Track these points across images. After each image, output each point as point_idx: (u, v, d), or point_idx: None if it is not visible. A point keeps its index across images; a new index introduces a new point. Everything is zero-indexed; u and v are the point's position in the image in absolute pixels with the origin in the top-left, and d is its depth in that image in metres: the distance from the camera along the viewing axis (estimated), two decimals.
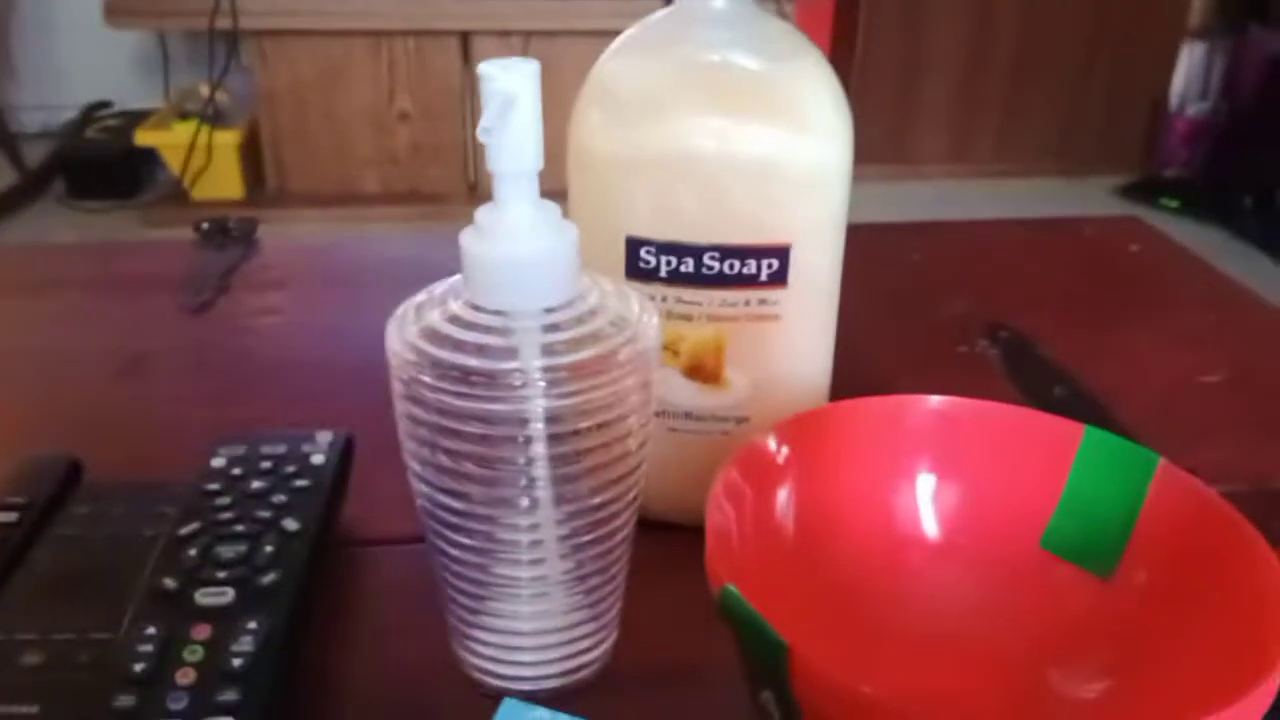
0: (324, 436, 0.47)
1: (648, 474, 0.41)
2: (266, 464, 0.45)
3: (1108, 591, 0.38)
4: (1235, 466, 0.53)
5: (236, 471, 0.44)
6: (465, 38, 2.45)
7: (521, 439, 0.34)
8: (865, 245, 0.84)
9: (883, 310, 0.71)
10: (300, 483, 0.44)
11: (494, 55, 0.35)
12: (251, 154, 2.54)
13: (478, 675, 0.40)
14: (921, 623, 0.39)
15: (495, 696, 0.32)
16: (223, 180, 2.49)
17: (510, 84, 0.31)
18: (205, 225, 0.80)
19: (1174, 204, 2.77)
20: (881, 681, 0.31)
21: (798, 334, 0.45)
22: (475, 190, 2.56)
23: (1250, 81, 2.71)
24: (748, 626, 0.30)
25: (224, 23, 2.32)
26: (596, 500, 0.36)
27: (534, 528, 0.36)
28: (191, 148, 2.43)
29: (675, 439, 0.45)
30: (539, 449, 0.34)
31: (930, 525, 0.41)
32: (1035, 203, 2.74)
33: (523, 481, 0.35)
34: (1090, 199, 2.85)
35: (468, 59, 2.47)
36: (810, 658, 0.28)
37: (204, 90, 2.45)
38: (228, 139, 2.48)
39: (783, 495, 0.39)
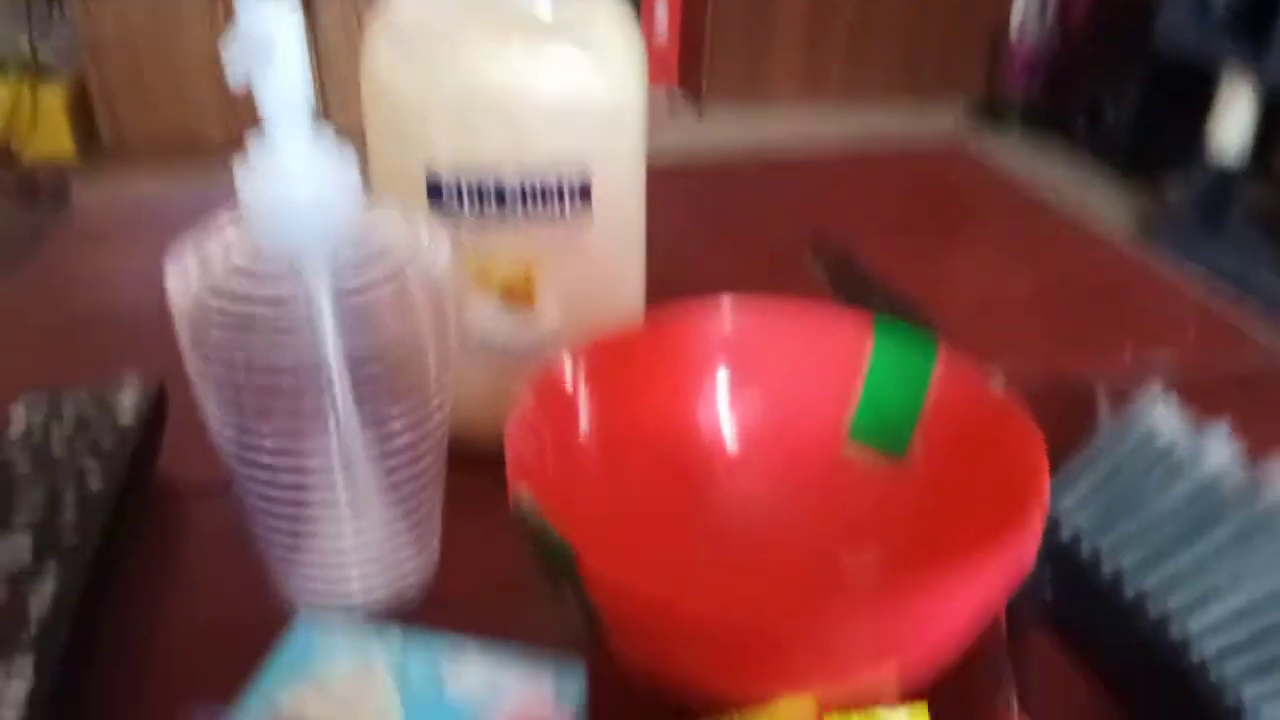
0: (132, 387, 0.46)
1: (468, 405, 0.41)
2: (70, 416, 0.43)
3: (899, 476, 0.40)
4: (1035, 366, 0.57)
5: (38, 423, 0.43)
6: None
7: (320, 378, 0.34)
8: (701, 178, 0.86)
9: (714, 238, 0.72)
10: (105, 435, 0.43)
11: None
12: (82, 109, 2.40)
13: (305, 604, 0.40)
14: (726, 525, 0.41)
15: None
16: (52, 138, 2.35)
17: (267, 24, 0.31)
18: (12, 181, 0.76)
19: (1015, 125, 2.93)
20: (680, 582, 0.32)
21: (606, 259, 0.45)
22: None
23: (1081, 12, 2.87)
24: (540, 533, 0.31)
25: None
26: (400, 425, 0.36)
27: (344, 453, 0.36)
28: (14, 106, 2.28)
29: (493, 368, 0.46)
30: (340, 386, 0.34)
31: (732, 428, 0.43)
32: (886, 130, 2.82)
33: (328, 419, 0.35)
34: (937, 124, 2.95)
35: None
36: (595, 561, 0.29)
37: (24, 44, 2.29)
38: (53, 94, 2.33)
39: (584, 413, 0.40)
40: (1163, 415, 0.45)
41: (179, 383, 0.45)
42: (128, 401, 0.45)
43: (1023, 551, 0.32)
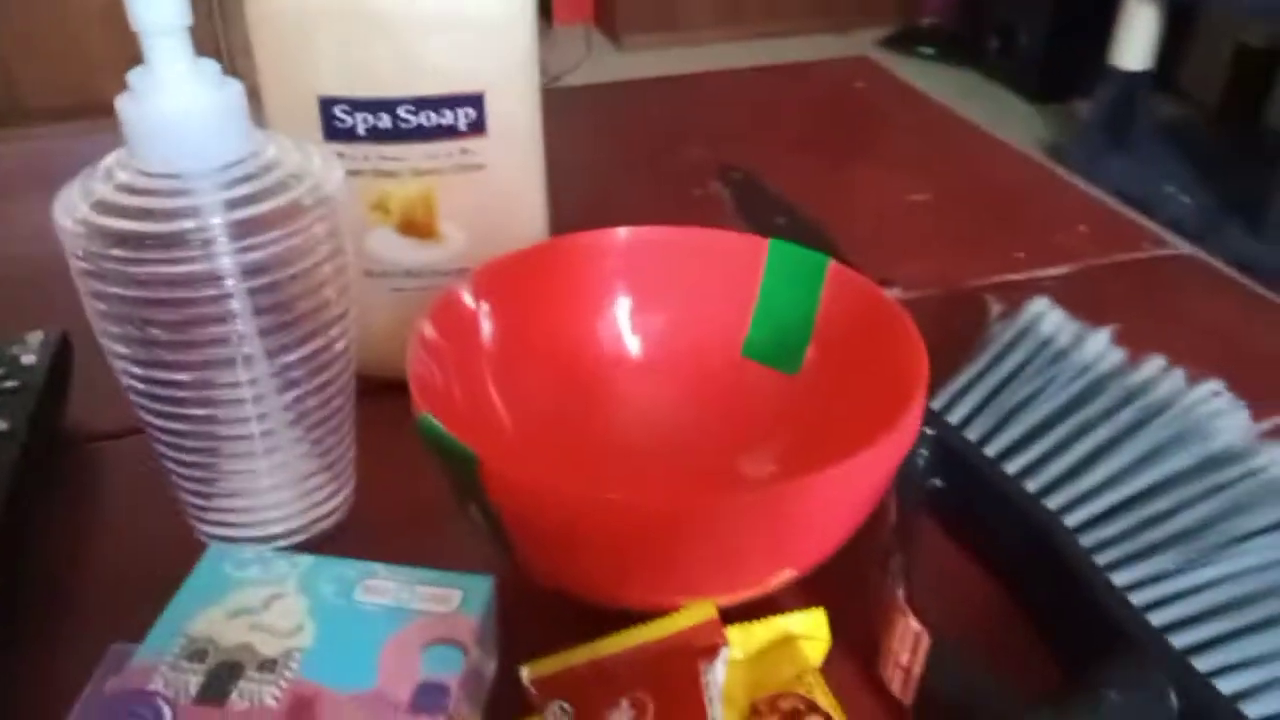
0: (34, 337, 0.46)
1: (375, 338, 0.42)
2: None
3: (794, 385, 0.42)
4: (933, 275, 0.59)
5: None
6: None
7: (217, 298, 0.34)
8: (610, 101, 0.86)
9: (621, 162, 0.73)
10: (9, 384, 0.43)
11: None
12: None
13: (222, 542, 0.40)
14: (627, 438, 0.42)
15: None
16: None
17: None
18: None
19: (930, 51, 2.95)
20: (580, 484, 0.34)
21: (505, 182, 0.46)
22: None
23: None
24: (443, 446, 0.32)
25: None
26: (307, 350, 0.36)
27: (252, 384, 0.36)
28: None
29: (399, 298, 0.46)
30: (238, 306, 0.34)
31: (632, 346, 0.44)
32: (804, 59, 2.81)
33: (230, 342, 0.35)
34: (854, 51, 2.96)
35: None
36: (495, 465, 0.30)
37: None
38: None
39: (485, 332, 0.41)
40: (1050, 320, 0.47)
41: (83, 336, 0.45)
42: (30, 351, 0.44)
43: (902, 436, 0.34)
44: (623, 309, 0.44)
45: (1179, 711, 0.32)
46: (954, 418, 0.42)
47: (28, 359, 0.44)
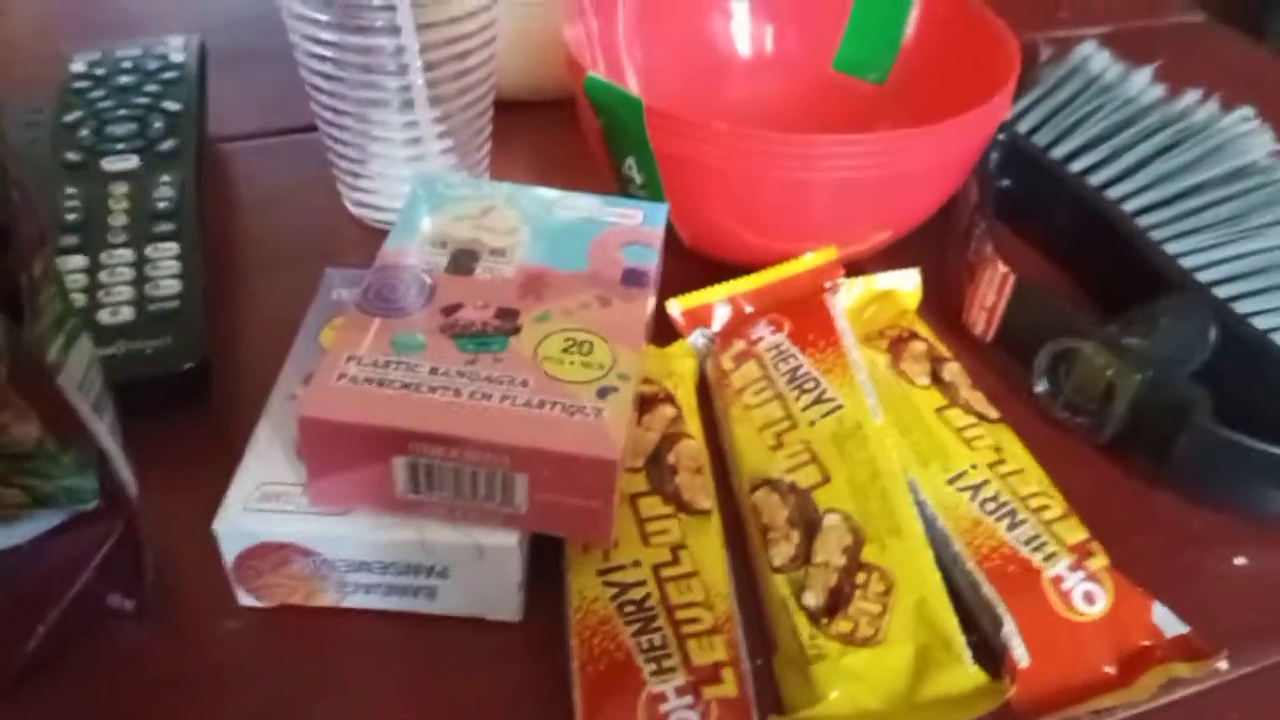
0: (176, 40, 0.49)
1: (509, 55, 0.46)
2: (127, 64, 0.47)
3: (884, 93, 0.47)
4: None
5: (100, 72, 0.46)
6: None
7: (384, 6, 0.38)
8: None
9: None
10: (167, 75, 0.46)
11: None
12: None
13: (368, 217, 0.45)
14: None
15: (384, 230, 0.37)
16: None
17: None
18: None
19: None
20: None
21: None
22: None
23: None
24: (612, 96, 0.37)
25: None
26: (455, 67, 0.40)
27: (402, 73, 0.40)
28: None
29: (528, 17, 0.50)
30: (403, 19, 0.38)
31: (743, 49, 0.49)
32: None
33: (389, 45, 0.39)
34: None
35: None
36: (659, 106, 0.36)
37: None
38: None
39: (619, 23, 0.46)
40: (1098, 59, 0.52)
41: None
42: (178, 49, 0.48)
43: (998, 107, 0.39)
44: (741, 10, 0.48)
45: (1215, 344, 0.38)
46: (1020, 125, 0.48)
47: (177, 56, 0.48)
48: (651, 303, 0.34)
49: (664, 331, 0.38)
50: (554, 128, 0.48)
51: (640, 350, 0.30)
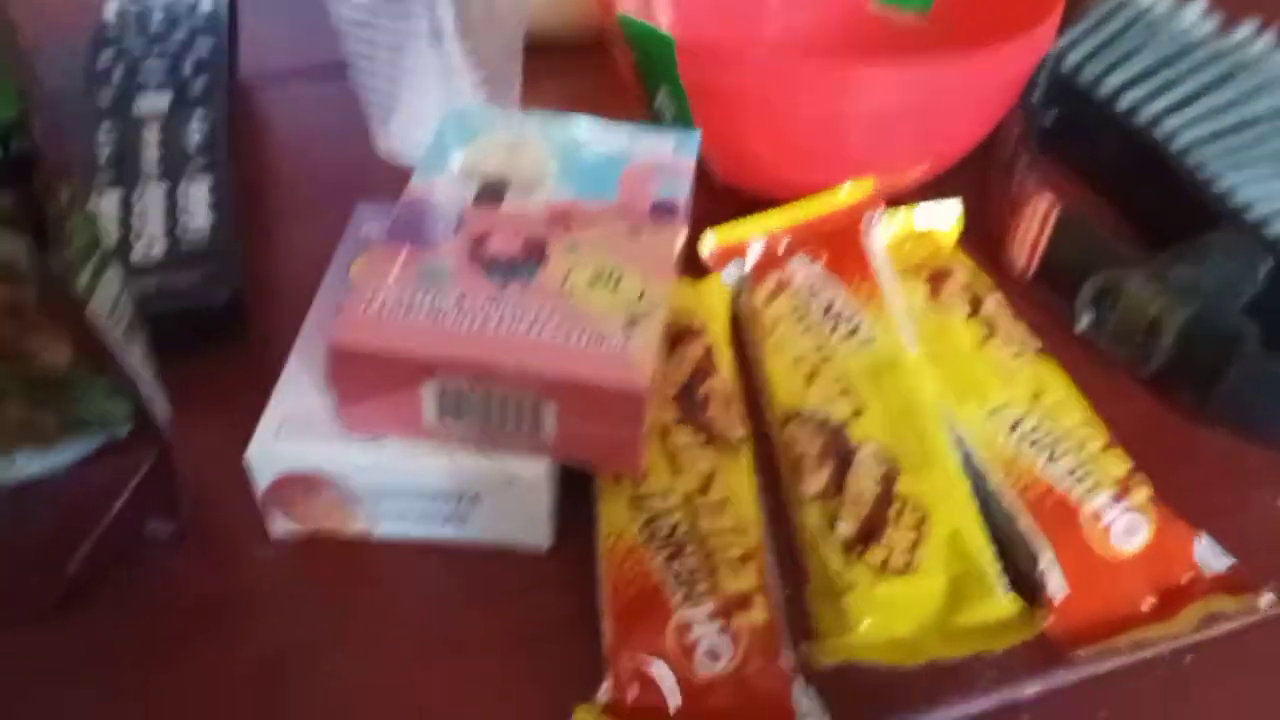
0: None
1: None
2: (159, 6, 0.47)
3: (929, 25, 0.46)
4: None
5: (134, 12, 0.46)
6: None
7: None
8: None
9: None
10: (199, 15, 0.46)
11: None
12: None
13: (400, 156, 0.45)
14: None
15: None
16: None
17: None
18: None
19: None
20: None
21: None
22: None
23: None
24: (643, 32, 0.36)
25: None
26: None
27: (432, 5, 0.40)
28: None
29: None
30: None
31: None
32: None
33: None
34: None
35: None
36: (690, 42, 0.35)
37: None
38: None
39: None
40: None
41: None
42: None
43: (1042, 36, 0.38)
44: None
45: (1265, 279, 0.37)
46: (1068, 57, 0.46)
47: (206, 2, 0.47)
48: (683, 234, 0.33)
49: (697, 266, 0.38)
50: (584, 72, 0.47)
51: (670, 281, 0.30)
